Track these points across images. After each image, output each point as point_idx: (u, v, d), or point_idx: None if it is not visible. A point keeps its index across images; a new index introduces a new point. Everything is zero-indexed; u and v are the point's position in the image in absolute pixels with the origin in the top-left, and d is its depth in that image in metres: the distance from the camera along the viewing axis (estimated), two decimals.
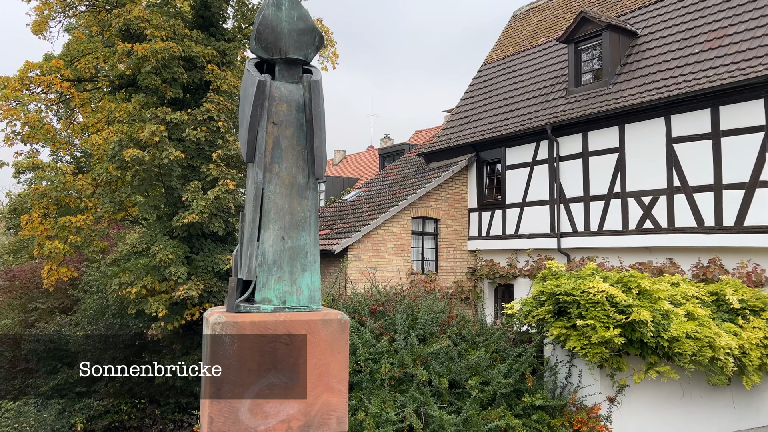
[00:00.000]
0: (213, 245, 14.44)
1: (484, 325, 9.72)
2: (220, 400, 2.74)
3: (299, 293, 3.22)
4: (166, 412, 15.55)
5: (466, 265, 17.51)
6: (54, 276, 14.01)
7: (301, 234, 3.28)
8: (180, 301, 13.34)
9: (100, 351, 15.51)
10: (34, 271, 22.02)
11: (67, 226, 13.47)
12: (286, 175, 3.33)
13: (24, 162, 13.87)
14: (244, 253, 3.30)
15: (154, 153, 12.40)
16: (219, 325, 2.85)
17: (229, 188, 13.01)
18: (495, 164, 17.43)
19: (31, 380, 17.40)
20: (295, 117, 3.40)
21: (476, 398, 7.95)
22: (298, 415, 2.87)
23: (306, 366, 2.92)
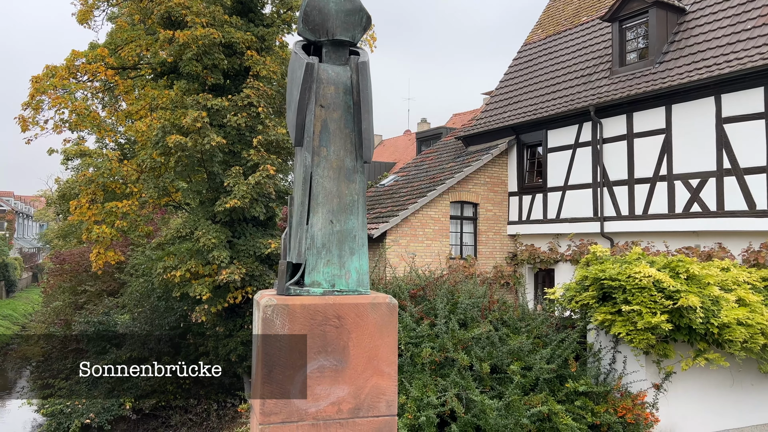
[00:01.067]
0: (254, 230, 14.65)
1: (526, 310, 9.61)
2: (272, 382, 2.77)
3: (348, 277, 3.23)
4: (210, 393, 15.96)
5: (506, 250, 17.32)
6: (102, 259, 14.43)
7: (349, 217, 3.29)
8: (223, 285, 13.60)
9: (147, 333, 15.98)
10: (82, 255, 22.77)
11: (113, 212, 13.84)
12: (334, 159, 3.34)
13: (72, 149, 14.28)
14: (293, 237, 3.32)
15: (197, 139, 12.59)
16: (270, 308, 2.87)
17: (270, 173, 13.15)
18: (536, 147, 17.11)
19: (82, 360, 18.08)
20: (342, 99, 3.39)
21: (518, 383, 7.88)
22: (348, 398, 2.88)
23: (355, 349, 2.92)
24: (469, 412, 7.57)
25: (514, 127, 17.29)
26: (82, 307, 21.04)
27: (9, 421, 23.06)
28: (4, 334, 37.35)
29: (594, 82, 15.81)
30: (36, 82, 13.46)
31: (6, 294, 50.68)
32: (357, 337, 2.94)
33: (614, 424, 8.03)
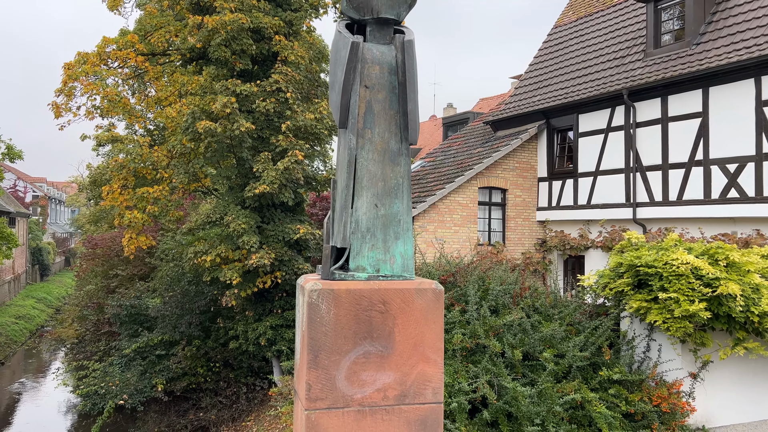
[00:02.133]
0: (283, 215, 14.71)
1: (558, 297, 9.48)
2: (318, 367, 2.74)
3: (392, 261, 3.18)
4: (240, 376, 16.16)
5: (535, 237, 17.13)
6: (134, 244, 14.65)
7: (394, 201, 3.24)
8: (252, 270, 13.71)
9: (177, 316, 16.21)
10: (113, 239, 23.16)
11: (144, 197, 14.01)
12: (378, 141, 3.27)
13: (104, 135, 14.47)
14: (337, 221, 3.28)
15: (226, 124, 12.64)
16: (315, 293, 2.84)
17: (298, 159, 13.15)
18: (566, 131, 16.81)
19: (115, 342, 18.45)
20: (387, 80, 3.32)
21: (551, 371, 7.80)
22: (394, 385, 2.84)
23: (401, 335, 2.87)
24: (500, 399, 7.52)
25: (544, 111, 17.00)
26: (114, 291, 21.43)
27: (46, 401, 23.74)
28: (39, 317, 38.38)
29: (627, 64, 15.43)
30: (68, 69, 13.63)
31: (40, 278, 52.00)
32: (402, 323, 2.88)
33: (649, 413, 7.90)
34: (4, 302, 36.98)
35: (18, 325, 33.93)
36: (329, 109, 14.27)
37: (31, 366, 30.36)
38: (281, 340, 14.44)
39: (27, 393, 25.38)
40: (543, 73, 18.62)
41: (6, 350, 29.95)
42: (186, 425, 15.47)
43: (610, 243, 14.72)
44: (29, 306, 39.05)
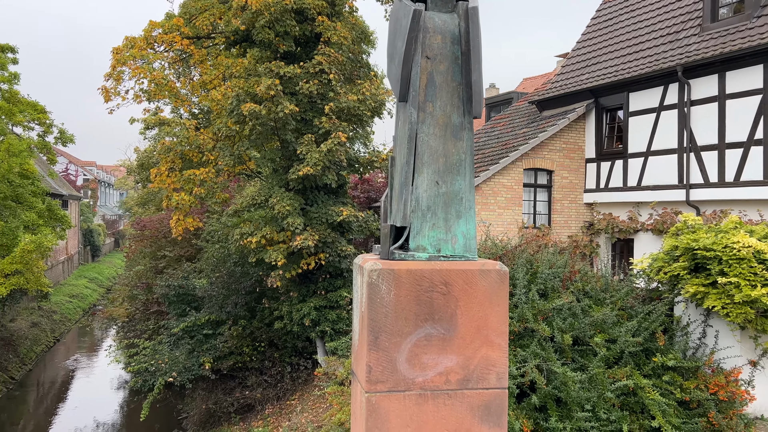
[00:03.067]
0: (326, 197, 14.74)
1: (609, 281, 9.21)
2: (378, 349, 2.68)
3: (454, 241, 3.05)
4: (284, 356, 16.40)
5: (582, 219, 16.72)
6: (181, 226, 14.93)
7: (456, 178, 3.09)
8: (296, 251, 13.81)
9: (224, 297, 16.51)
10: (161, 221, 23.72)
11: (191, 179, 14.23)
12: (440, 115, 3.10)
13: (151, 118, 14.72)
14: (396, 199, 3.16)
15: (270, 107, 12.68)
16: (375, 273, 2.79)
17: (341, 141, 13.12)
18: (616, 111, 16.27)
19: (164, 322, 18.96)
20: (449, 50, 3.13)
21: (602, 356, 7.59)
22: (457, 369, 2.75)
23: (464, 318, 2.77)
24: (549, 384, 7.37)
25: (593, 89, 16.48)
26: (162, 272, 21.98)
27: (98, 377, 24.67)
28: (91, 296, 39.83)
29: (682, 40, 14.77)
30: (117, 53, 13.87)
31: (92, 258, 53.88)
32: (465, 305, 2.78)
33: (705, 401, 7.63)
34: (59, 281, 38.48)
35: (72, 304, 35.30)
36: (372, 91, 14.16)
37: (84, 343, 31.58)
38: (325, 321, 14.55)
39: (81, 369, 26.43)
40: (591, 51, 18.03)
41: (61, 328, 31.21)
42: (232, 403, 15.82)
43: (661, 226, 14.25)
44: (82, 285, 40.55)
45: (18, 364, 23.95)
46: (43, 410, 21.44)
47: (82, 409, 21.14)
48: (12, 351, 24.01)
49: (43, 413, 21.12)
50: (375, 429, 2.66)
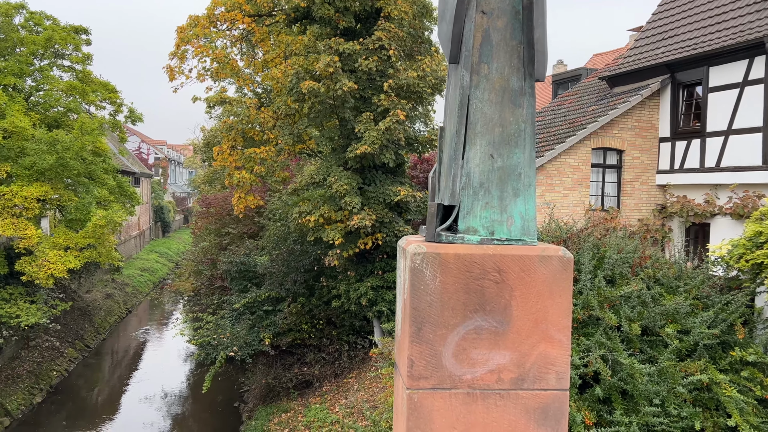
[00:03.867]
0: (383, 177, 14.55)
1: (682, 268, 8.60)
2: (422, 341, 2.44)
3: (510, 223, 2.71)
4: (342, 334, 16.47)
5: (653, 202, 15.83)
6: (243, 203, 15.13)
7: (513, 151, 2.72)
8: (354, 231, 13.74)
9: (284, 274, 16.70)
10: (225, 199, 24.25)
11: (252, 157, 14.34)
12: (496, 78, 2.73)
13: (214, 97, 14.89)
14: (444, 174, 2.84)
15: (329, 84, 12.54)
16: (419, 256, 2.50)
17: (400, 119, 12.85)
18: (694, 86, 15.21)
19: (226, 297, 19.43)
20: (509, 3, 2.75)
21: (674, 348, 7.09)
22: (510, 366, 2.45)
23: (519, 309, 2.45)
24: (615, 375, 6.95)
25: (669, 64, 15.44)
26: (226, 248, 22.50)
27: (167, 348, 25.71)
28: (161, 270, 41.51)
29: None
30: (181, 32, 14.06)
31: (162, 234, 56.11)
32: (521, 296, 2.47)
33: None
34: (131, 256, 40.26)
35: (143, 277, 36.89)
36: (432, 67, 13.77)
37: (154, 315, 32.99)
38: (382, 301, 14.47)
39: (150, 339, 27.62)
40: (668, 23, 16.89)
41: (133, 300, 32.69)
42: (291, 378, 16.05)
43: (742, 210, 13.28)
44: (152, 260, 42.30)
45: (93, 333, 25.25)
46: (117, 377, 22.55)
47: (151, 377, 22.09)
48: (88, 321, 25.32)
49: (116, 380, 22.21)
50: (416, 429, 2.40)
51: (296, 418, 14.66)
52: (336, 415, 13.76)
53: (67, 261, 16.98)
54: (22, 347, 19.92)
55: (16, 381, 18.18)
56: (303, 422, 14.22)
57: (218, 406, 19.02)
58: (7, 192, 16.50)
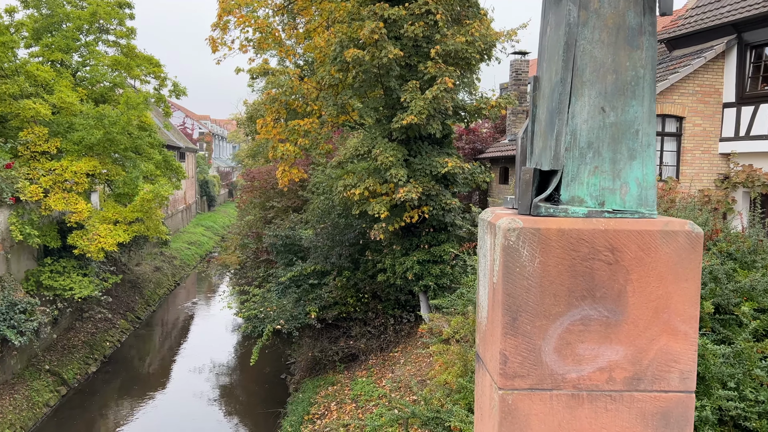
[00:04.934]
0: (430, 148, 14.13)
1: (758, 241, 7.97)
2: (517, 333, 2.07)
3: (624, 191, 2.26)
4: (387, 308, 16.31)
5: (715, 171, 14.95)
6: (287, 177, 14.96)
7: (629, 103, 2.25)
8: (399, 204, 13.41)
9: (329, 248, 16.57)
10: (269, 172, 24.24)
11: (296, 130, 14.11)
12: (609, 13, 2.25)
13: (257, 68, 14.65)
14: (541, 133, 2.39)
15: (374, 52, 12.12)
16: (514, 233, 2.10)
17: (447, 87, 12.35)
18: (763, 47, 14.16)
19: (272, 270, 19.49)
20: None
21: (751, 328, 6.56)
22: (624, 363, 2.09)
23: (636, 296, 2.08)
24: None
25: (735, 23, 14.40)
26: (271, 222, 22.55)
27: (214, 320, 26.16)
28: (207, 243, 42.24)
29: None
30: (223, 2, 13.80)
31: (208, 207, 57.05)
32: (639, 279, 2.06)
33: None
34: (178, 229, 41.05)
35: (190, 250, 37.59)
36: (481, 31, 13.15)
37: (201, 287, 33.62)
38: (428, 275, 14.18)
39: (198, 312, 28.16)
40: None
41: (181, 272, 33.36)
42: (337, 352, 16.03)
43: None
44: (199, 233, 43.05)
45: (143, 305, 25.87)
46: (167, 348, 23.08)
47: (199, 348, 22.53)
48: (138, 293, 25.94)
49: (166, 351, 22.74)
50: None
51: (343, 391, 14.64)
52: (383, 389, 13.65)
53: (117, 235, 17.25)
54: (76, 319, 20.51)
55: (71, 351, 18.75)
56: (350, 395, 14.19)
57: (265, 377, 19.24)
58: (57, 167, 16.78)
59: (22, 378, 16.19)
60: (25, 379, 16.25)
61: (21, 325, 14.54)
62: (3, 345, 14.80)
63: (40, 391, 16.25)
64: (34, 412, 15.52)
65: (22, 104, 16.19)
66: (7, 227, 16.20)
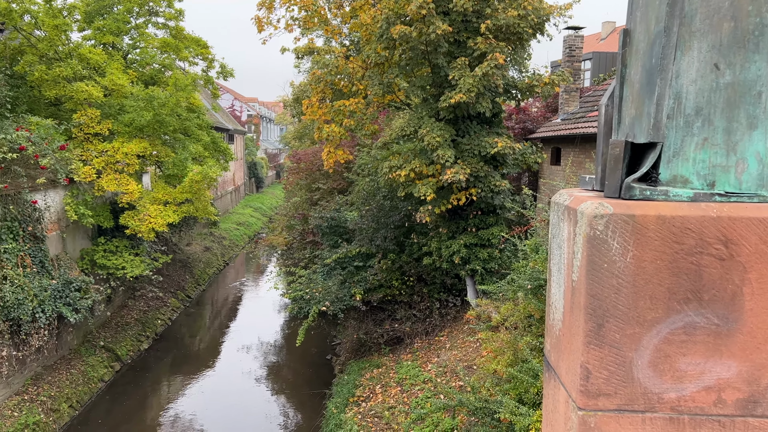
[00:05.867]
0: (478, 127, 13.67)
1: None
2: (602, 343, 1.70)
3: (741, 169, 1.81)
4: (433, 291, 16.06)
5: None
6: (332, 158, 14.79)
7: (750, 58, 1.79)
8: (446, 186, 13.06)
9: (374, 230, 16.39)
10: (315, 154, 24.20)
11: (341, 110, 13.88)
12: None
13: (302, 47, 14.45)
14: (634, 97, 1.96)
15: (421, 28, 11.71)
16: (602, 220, 1.71)
17: (498, 63, 11.85)
18: None
19: (318, 252, 19.48)
20: None
21: None
22: (738, 383, 1.70)
23: (755, 300, 1.67)
24: None
25: None
26: (316, 203, 22.52)
27: (262, 299, 26.49)
28: (255, 224, 42.84)
29: None
30: None
31: (256, 189, 57.84)
32: (759, 280, 1.68)
33: None
34: (227, 210, 41.71)
35: (239, 231, 38.16)
36: (534, 4, 12.54)
37: (250, 267, 34.13)
38: (475, 259, 13.82)
39: (247, 291, 28.58)
40: None
41: (229, 252, 33.91)
42: (382, 334, 15.91)
43: None
44: (247, 214, 43.66)
45: (193, 284, 26.40)
46: (216, 326, 23.51)
47: (247, 327, 22.85)
48: (188, 272, 26.47)
49: (216, 329, 23.17)
50: None
51: (388, 374, 14.52)
52: (428, 373, 13.46)
53: (167, 215, 17.50)
54: (129, 297, 21.06)
55: (124, 328, 19.27)
56: (395, 379, 14.06)
57: (311, 357, 19.34)
58: (109, 148, 17.08)
59: (78, 354, 16.72)
60: (81, 354, 16.77)
61: (76, 302, 14.94)
62: (60, 322, 15.26)
63: (95, 367, 16.74)
64: (90, 387, 16.01)
65: (76, 87, 16.49)
66: (62, 207, 16.63)
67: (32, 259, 14.51)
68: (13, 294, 13.26)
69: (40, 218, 15.20)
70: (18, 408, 13.59)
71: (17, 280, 13.51)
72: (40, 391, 14.41)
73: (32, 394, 14.22)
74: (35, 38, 17.41)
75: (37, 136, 14.37)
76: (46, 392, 14.47)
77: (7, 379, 13.64)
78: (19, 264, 13.96)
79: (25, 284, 13.59)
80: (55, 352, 15.73)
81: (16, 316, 13.33)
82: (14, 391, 13.98)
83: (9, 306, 13.20)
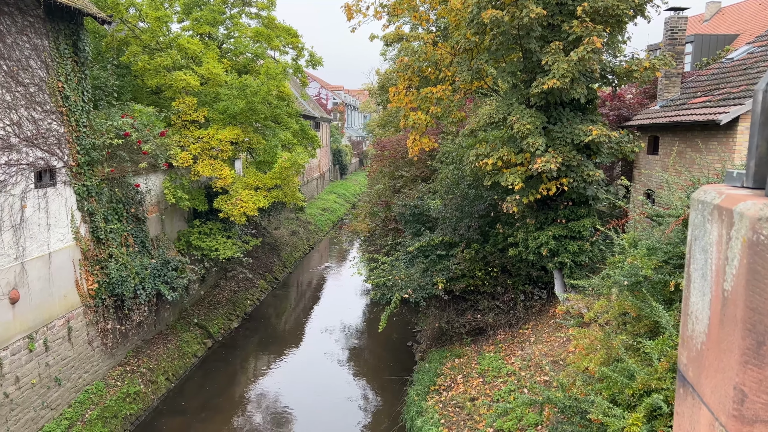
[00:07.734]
0: (572, 115, 13.11)
1: None
2: (763, 364, 1.47)
3: None
4: (517, 283, 15.68)
5: None
6: (417, 146, 14.69)
7: None
8: (535, 175, 12.64)
9: (457, 219, 16.18)
10: (398, 142, 24.18)
11: (428, 97, 13.74)
12: None
13: (391, 34, 14.40)
14: None
15: (513, 12, 11.33)
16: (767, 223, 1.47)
17: (595, 47, 11.28)
18: None
19: (400, 239, 19.51)
20: None
21: None
22: None
23: None
24: None
25: None
26: (399, 191, 22.54)
27: (345, 284, 26.95)
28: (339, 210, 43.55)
29: None
30: None
31: (340, 176, 58.77)
32: None
33: None
34: (313, 196, 42.67)
35: (323, 217, 38.97)
36: None
37: (333, 252, 34.81)
38: (564, 252, 13.33)
39: (331, 275, 29.18)
40: None
41: (315, 237, 34.72)
42: (464, 324, 15.75)
43: None
44: (332, 200, 44.49)
45: (281, 266, 27.25)
46: (301, 308, 24.18)
47: (330, 310, 23.36)
48: (276, 255, 27.34)
49: (300, 311, 23.83)
50: None
51: (470, 365, 14.36)
52: (512, 366, 13.18)
53: (257, 200, 18.09)
54: (221, 277, 22.02)
55: (216, 307, 20.19)
56: (477, 370, 13.88)
57: (392, 344, 19.49)
58: (205, 135, 17.83)
59: (174, 329, 17.70)
60: (176, 330, 17.74)
61: (173, 281, 15.78)
62: (158, 299, 16.18)
63: (190, 343, 17.66)
64: (184, 362, 16.91)
65: (175, 76, 17.29)
66: (162, 191, 17.56)
67: (134, 239, 15.44)
68: (117, 271, 14.17)
69: (142, 201, 16.13)
70: (121, 378, 14.57)
71: (121, 258, 14.43)
72: (140, 363, 15.37)
73: (133, 366, 15.20)
74: (139, 30, 18.39)
75: (140, 123, 15.21)
76: (145, 364, 15.43)
77: (111, 350, 14.65)
78: (123, 243, 14.89)
79: (128, 262, 14.49)
80: (153, 327, 16.72)
81: (120, 292, 14.26)
82: (117, 362, 14.99)
83: (114, 282, 14.13)
